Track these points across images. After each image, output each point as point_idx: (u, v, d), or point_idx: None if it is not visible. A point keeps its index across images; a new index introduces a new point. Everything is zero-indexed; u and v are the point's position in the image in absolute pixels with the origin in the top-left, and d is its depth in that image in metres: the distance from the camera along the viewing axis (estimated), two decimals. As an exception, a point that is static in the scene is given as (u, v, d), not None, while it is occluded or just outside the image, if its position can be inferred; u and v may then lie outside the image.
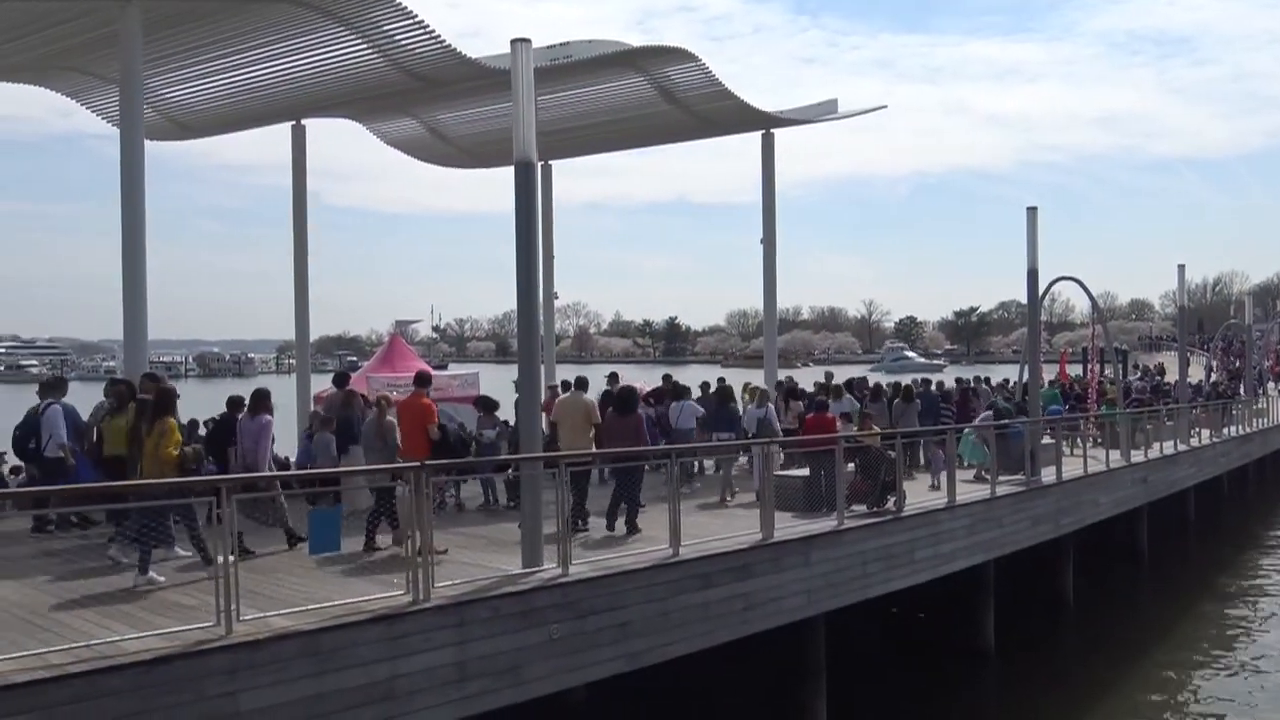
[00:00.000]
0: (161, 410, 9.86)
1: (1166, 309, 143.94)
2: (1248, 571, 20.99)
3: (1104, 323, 29.60)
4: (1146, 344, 72.04)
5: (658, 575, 9.47)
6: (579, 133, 23.94)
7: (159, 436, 9.69)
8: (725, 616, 10.05)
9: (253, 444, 11.12)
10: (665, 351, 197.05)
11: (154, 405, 9.98)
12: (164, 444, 9.61)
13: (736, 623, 10.20)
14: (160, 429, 9.72)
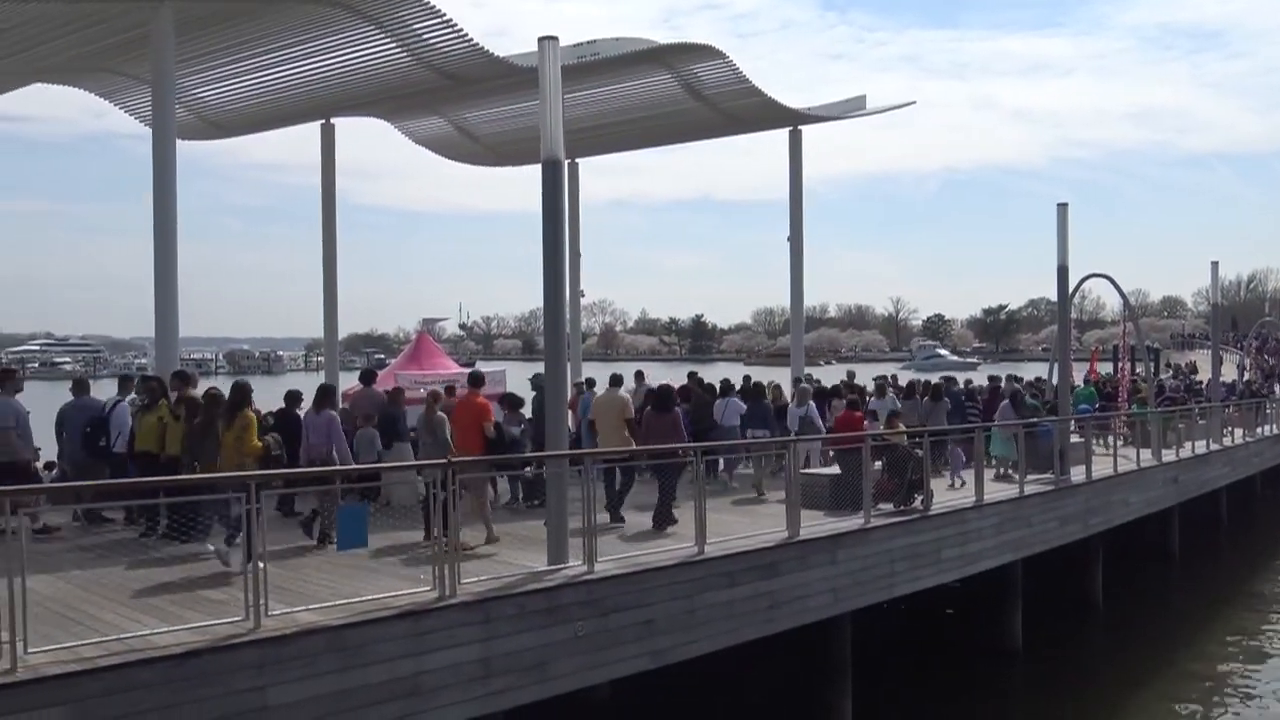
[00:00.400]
0: (238, 404, 10.17)
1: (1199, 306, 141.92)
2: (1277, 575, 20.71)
3: (1135, 320, 29.26)
4: (1179, 342, 71.18)
5: (683, 573, 9.46)
6: (606, 130, 23.96)
7: (240, 430, 9.99)
8: (750, 615, 10.03)
9: (320, 439, 11.28)
10: (691, 349, 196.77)
11: (230, 400, 10.30)
12: (247, 436, 9.95)
13: (762, 621, 10.17)
14: (241, 423, 10.03)
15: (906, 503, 12.75)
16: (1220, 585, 19.61)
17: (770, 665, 12.05)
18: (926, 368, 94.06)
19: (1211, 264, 27.84)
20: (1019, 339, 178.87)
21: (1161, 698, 13.34)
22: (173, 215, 14.56)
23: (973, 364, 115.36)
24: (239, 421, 10.07)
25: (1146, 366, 28.24)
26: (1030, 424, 16.28)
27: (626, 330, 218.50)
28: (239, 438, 9.98)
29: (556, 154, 9.46)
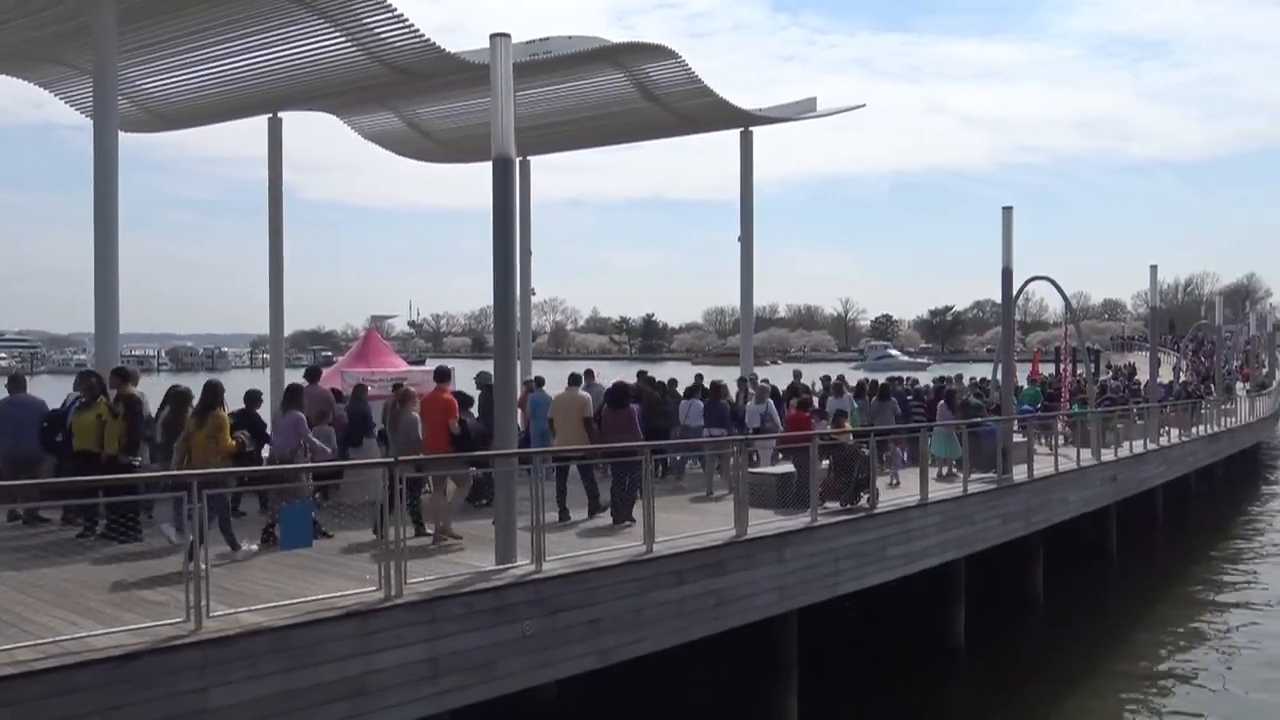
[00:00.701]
0: (210, 404, 10.29)
1: (1139, 309, 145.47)
2: (1214, 571, 21.23)
3: (1076, 322, 29.87)
4: (1118, 344, 72.70)
5: (631, 572, 9.49)
6: (558, 129, 23.90)
7: (213, 430, 10.13)
8: (698, 613, 10.09)
9: (285, 440, 11.19)
10: (642, 348, 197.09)
11: (202, 399, 10.41)
12: (221, 436, 10.12)
13: (709, 619, 10.24)
14: (214, 422, 10.18)
15: (853, 501, 12.90)
16: (1155, 582, 20.08)
17: (717, 663, 12.12)
18: (878, 368, 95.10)
19: (1150, 268, 28.62)
20: (964, 340, 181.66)
21: (1099, 693, 13.64)
22: (114, 208, 14.28)
23: (922, 364, 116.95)
24: (211, 421, 10.17)
25: (1087, 367, 28.82)
26: (974, 423, 16.56)
27: (577, 329, 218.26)
28: (212, 437, 10.08)
29: (507, 151, 9.45)
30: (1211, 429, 30.02)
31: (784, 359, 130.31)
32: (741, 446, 11.60)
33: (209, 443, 10.06)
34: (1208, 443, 29.03)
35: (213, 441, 10.07)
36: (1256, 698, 13.41)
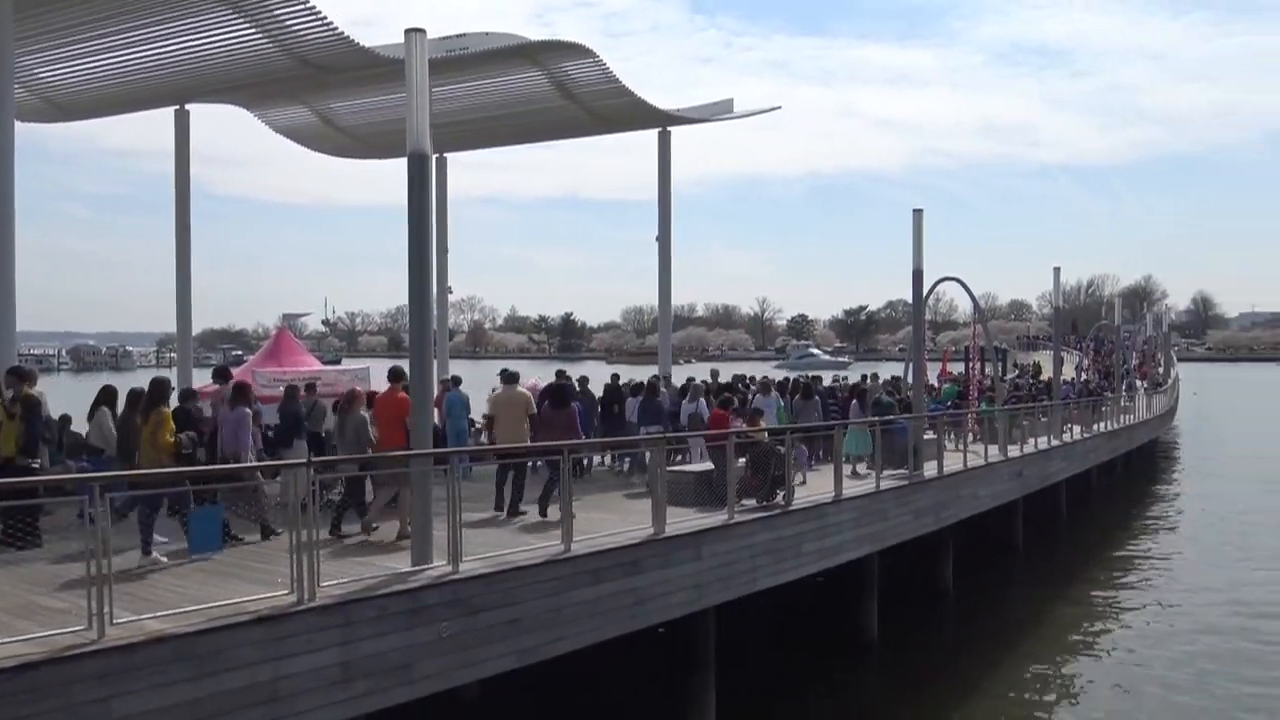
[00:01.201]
0: (155, 401, 10.33)
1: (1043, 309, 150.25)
2: (1113, 562, 22.00)
3: (984, 322, 30.61)
4: (1024, 343, 74.82)
5: (549, 571, 9.45)
6: (475, 126, 23.74)
7: (155, 426, 10.15)
8: (616, 611, 10.09)
9: (233, 436, 11.15)
10: (560, 348, 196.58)
11: (147, 396, 10.45)
12: (161, 432, 10.12)
13: (626, 617, 10.25)
14: (156, 419, 10.19)
15: (769, 499, 13.04)
16: (1060, 574, 20.72)
17: (636, 661, 12.16)
18: (800, 366, 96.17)
19: (1054, 270, 29.52)
20: (878, 339, 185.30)
21: (1006, 682, 14.02)
22: (10, 201, 13.73)
23: (844, 363, 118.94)
24: (154, 417, 10.20)
25: (995, 366, 29.59)
26: (887, 421, 16.87)
27: (495, 328, 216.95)
28: (153, 434, 10.12)
29: (422, 148, 9.34)
30: (1112, 426, 31.11)
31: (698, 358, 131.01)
32: (659, 445, 11.61)
33: (150, 440, 10.11)
34: (1108, 439, 30.07)
35: (153, 439, 10.09)
36: (1150, 691, 13.92)
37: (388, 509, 11.26)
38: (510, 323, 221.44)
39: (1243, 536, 24.23)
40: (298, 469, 8.24)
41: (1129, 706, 13.16)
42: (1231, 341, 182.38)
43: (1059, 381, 29.98)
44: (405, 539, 10.49)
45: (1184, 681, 13.94)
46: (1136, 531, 25.60)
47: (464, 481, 9.57)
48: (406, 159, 9.36)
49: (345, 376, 19.08)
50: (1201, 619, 17.05)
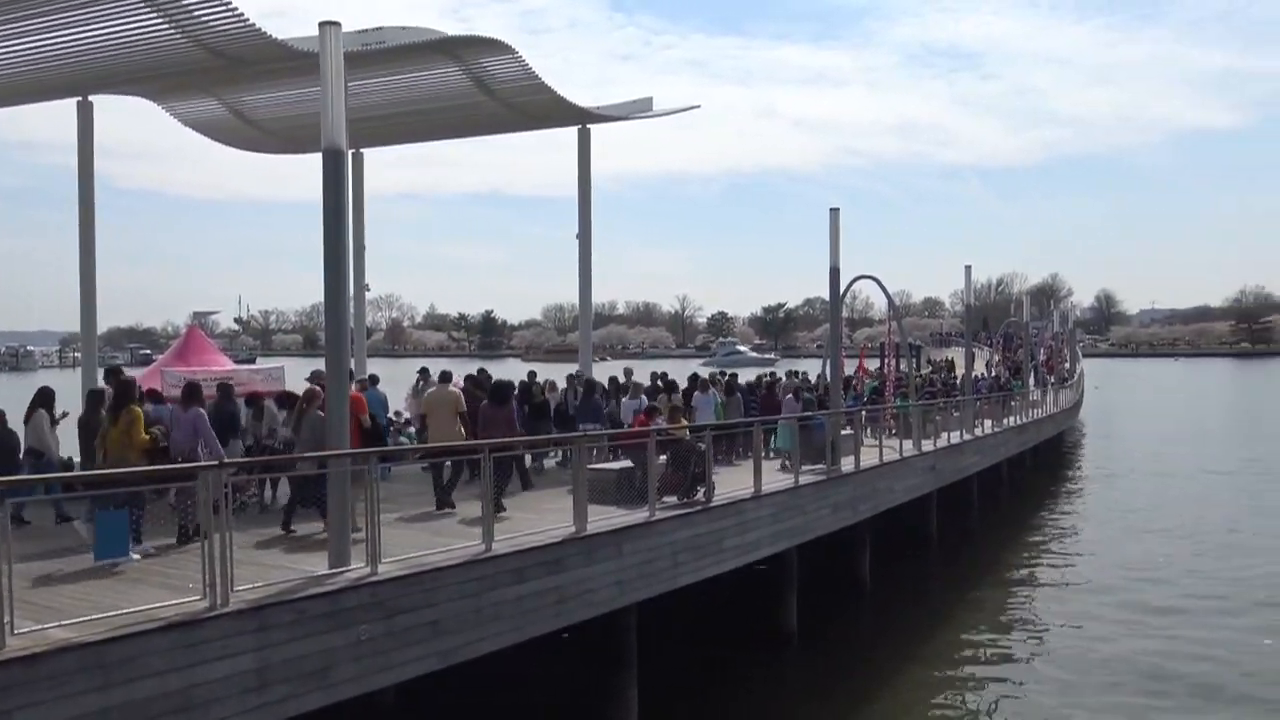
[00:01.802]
0: (125, 399, 10.44)
1: (956, 307, 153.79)
2: (1023, 550, 22.67)
3: (899, 319, 31.28)
4: (938, 340, 76.57)
5: (470, 571, 9.38)
6: (392, 121, 23.40)
7: (127, 425, 10.24)
8: (538, 610, 10.07)
9: (186, 436, 11.22)
10: (481, 345, 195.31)
11: (116, 395, 10.56)
12: (135, 431, 10.22)
13: (549, 616, 10.23)
14: (128, 417, 10.29)
15: (690, 496, 13.13)
16: (972, 564, 21.28)
17: (559, 659, 12.14)
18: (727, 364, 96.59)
19: (965, 268, 30.27)
20: (796, 336, 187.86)
21: (924, 670, 14.35)
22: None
23: (771, 360, 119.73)
24: (125, 416, 10.28)
25: (909, 363, 30.20)
26: (804, 418, 17.11)
27: (414, 325, 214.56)
28: (126, 432, 10.20)
29: (338, 143, 9.19)
30: (1021, 420, 32.01)
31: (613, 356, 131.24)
32: (579, 443, 11.60)
33: (123, 438, 10.17)
34: (1017, 433, 30.93)
35: (127, 437, 10.16)
36: (1061, 676, 14.37)
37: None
38: (430, 320, 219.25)
39: (1144, 521, 25.29)
40: (208, 471, 8.03)
41: (1042, 689, 13.57)
42: (1132, 337, 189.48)
43: (971, 377, 30.74)
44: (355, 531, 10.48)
45: (1093, 663, 14.44)
46: (1044, 521, 26.42)
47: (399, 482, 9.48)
48: (322, 154, 9.21)
49: (259, 376, 18.62)
50: (1106, 599, 17.70)
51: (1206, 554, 21.82)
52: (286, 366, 20.90)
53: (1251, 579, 19.32)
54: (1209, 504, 28.24)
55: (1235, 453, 40.62)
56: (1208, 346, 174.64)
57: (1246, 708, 12.86)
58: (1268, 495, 29.77)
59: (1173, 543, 23.03)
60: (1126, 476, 34.25)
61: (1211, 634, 15.83)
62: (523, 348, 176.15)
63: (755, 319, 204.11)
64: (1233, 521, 25.50)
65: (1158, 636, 15.76)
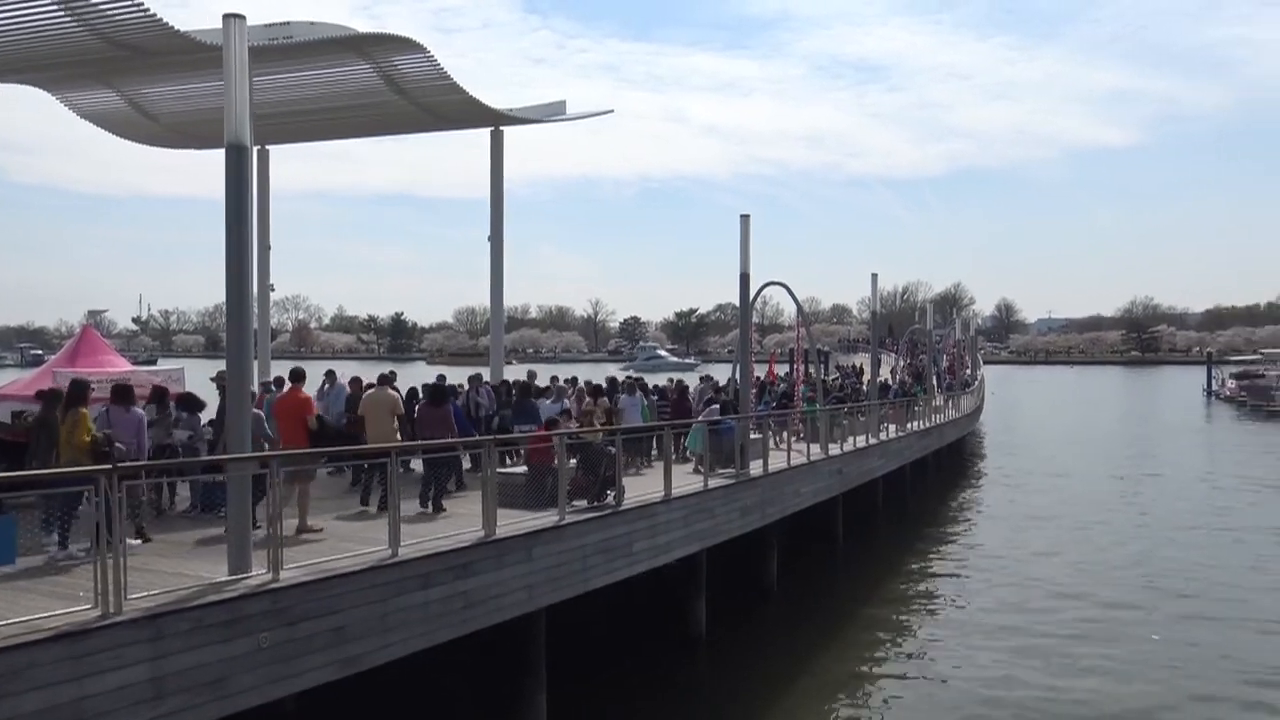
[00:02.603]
0: (74, 401, 10.49)
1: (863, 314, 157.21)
2: (927, 552, 23.21)
3: (808, 326, 31.77)
4: (845, 346, 78.16)
5: (376, 576, 9.23)
6: (300, 118, 22.93)
7: (73, 426, 10.33)
8: (445, 616, 9.95)
9: (130, 437, 11.20)
10: (390, 348, 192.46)
11: (67, 397, 10.60)
12: (78, 432, 10.30)
13: (457, 622, 10.12)
14: (73, 418, 10.36)
15: (600, 499, 13.13)
16: (877, 564, 21.71)
17: (467, 665, 12.02)
18: (647, 368, 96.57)
19: (871, 275, 30.82)
20: (708, 341, 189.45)
21: (831, 671, 14.58)
22: None
23: (691, 364, 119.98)
24: (71, 417, 10.39)
25: (818, 368, 30.78)
26: (714, 422, 17.25)
27: (322, 327, 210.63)
28: (72, 432, 10.30)
29: (242, 139, 8.97)
30: (924, 425, 32.79)
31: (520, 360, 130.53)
32: (489, 446, 11.50)
33: (70, 438, 10.28)
34: (920, 437, 31.68)
35: (71, 438, 10.28)
36: (965, 672, 14.75)
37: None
38: (338, 322, 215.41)
39: (1041, 522, 26.13)
40: (98, 475, 7.74)
41: (943, 687, 13.90)
42: (1030, 345, 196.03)
43: (876, 383, 31.37)
44: (305, 532, 10.96)
45: (990, 659, 14.84)
46: (946, 522, 27.10)
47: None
48: (225, 150, 8.98)
49: (158, 378, 18.01)
50: (1004, 598, 18.24)
51: (1098, 551, 22.67)
52: (188, 368, 20.32)
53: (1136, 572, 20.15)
54: (1099, 509, 29.29)
55: (1123, 453, 42.41)
56: (1100, 355, 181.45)
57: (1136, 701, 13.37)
58: (1156, 498, 31.09)
59: (1064, 546, 23.80)
60: (1024, 478, 35.37)
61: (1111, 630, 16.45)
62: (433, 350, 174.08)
63: (668, 324, 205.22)
64: (1120, 525, 26.55)
65: (1053, 636, 16.27)
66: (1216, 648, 15.49)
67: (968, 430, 44.77)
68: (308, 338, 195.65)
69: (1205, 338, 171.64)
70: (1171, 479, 35.47)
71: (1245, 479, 34.82)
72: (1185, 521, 26.72)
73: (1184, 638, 16.04)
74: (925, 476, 33.06)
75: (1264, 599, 18.38)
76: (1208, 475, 36.44)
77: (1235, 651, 15.29)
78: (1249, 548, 23.06)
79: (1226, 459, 41.54)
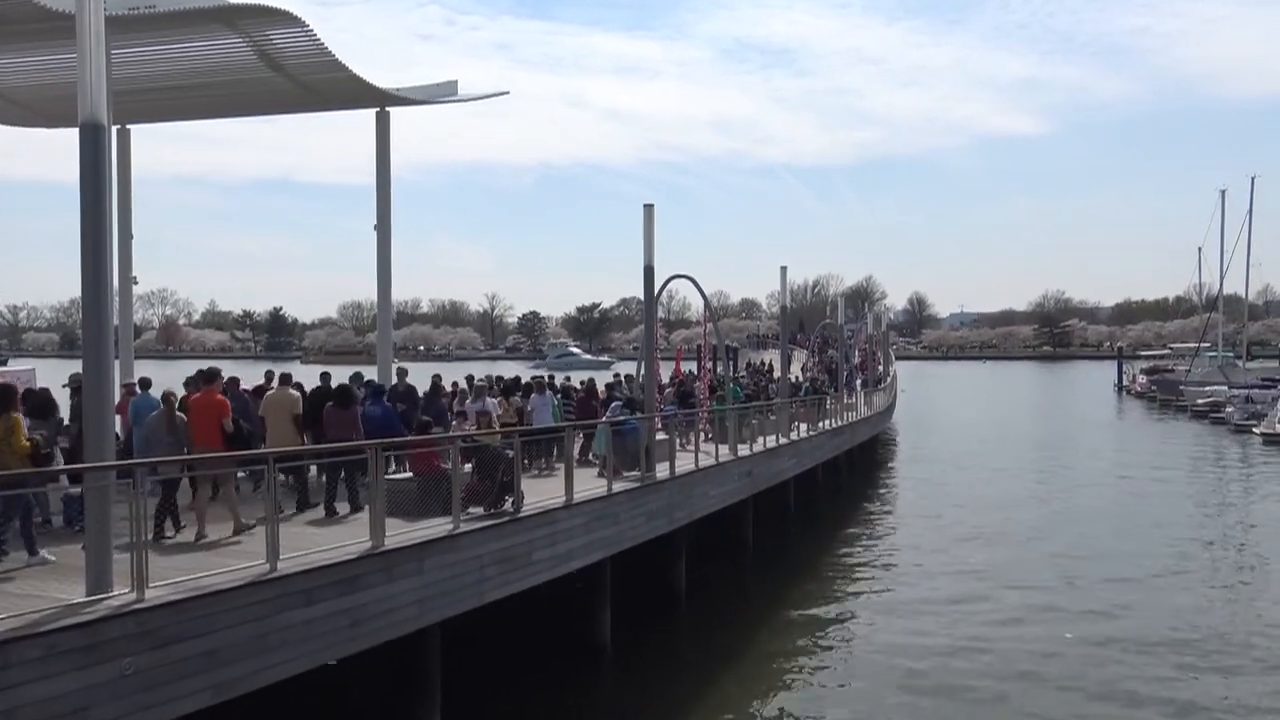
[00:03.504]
0: (3, 405, 10.50)
1: (772, 308, 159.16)
2: (839, 554, 23.68)
3: (715, 321, 32.05)
4: (754, 342, 78.83)
5: (253, 594, 9.00)
6: (166, 95, 22.22)
7: (7, 431, 10.37)
8: (330, 634, 9.76)
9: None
10: (268, 346, 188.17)
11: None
12: (15, 438, 10.39)
13: (343, 640, 9.94)
14: (7, 424, 10.41)
15: (497, 505, 13.04)
16: (789, 568, 22.04)
17: (356, 685, 11.82)
18: (559, 367, 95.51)
19: (781, 269, 31.28)
20: (612, 338, 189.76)
21: (741, 679, 14.74)
22: None
23: (606, 362, 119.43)
24: (4, 423, 10.39)
25: (726, 366, 31.05)
26: (618, 422, 17.29)
27: (192, 324, 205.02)
28: (5, 439, 10.32)
29: (98, 117, 8.64)
30: (836, 424, 33.42)
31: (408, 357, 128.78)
32: (375, 451, 11.28)
33: (3, 444, 10.30)
34: (832, 436, 32.28)
35: (7, 445, 10.30)
36: (879, 679, 15.08)
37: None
38: (210, 318, 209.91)
39: (952, 522, 26.95)
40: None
41: (850, 695, 14.19)
42: (943, 340, 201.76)
43: (786, 380, 31.83)
44: (241, 532, 11.40)
45: (905, 665, 15.20)
46: (859, 524, 27.68)
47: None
48: (79, 129, 8.64)
49: (5, 379, 17.26)
50: (918, 600, 18.71)
51: (1015, 547, 23.44)
52: (39, 369, 19.53)
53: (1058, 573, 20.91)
54: (1012, 504, 30.31)
55: (1033, 453, 44.02)
56: (1013, 350, 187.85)
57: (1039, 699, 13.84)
58: (1066, 495, 32.34)
59: (978, 543, 24.55)
60: (937, 477, 36.39)
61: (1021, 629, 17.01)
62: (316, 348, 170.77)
63: (570, 319, 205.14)
64: (1034, 520, 27.54)
65: (969, 636, 16.75)
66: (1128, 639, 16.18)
67: (881, 428, 45.78)
68: (176, 335, 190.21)
69: (1116, 332, 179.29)
70: (1083, 472, 36.92)
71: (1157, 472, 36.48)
72: (1098, 515, 27.82)
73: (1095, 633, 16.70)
74: (838, 477, 33.71)
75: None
76: (1121, 469, 38.05)
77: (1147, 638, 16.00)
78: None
79: (1139, 452, 43.45)
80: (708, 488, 19.75)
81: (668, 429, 20.00)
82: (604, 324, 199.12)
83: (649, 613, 17.70)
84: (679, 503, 18.10)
